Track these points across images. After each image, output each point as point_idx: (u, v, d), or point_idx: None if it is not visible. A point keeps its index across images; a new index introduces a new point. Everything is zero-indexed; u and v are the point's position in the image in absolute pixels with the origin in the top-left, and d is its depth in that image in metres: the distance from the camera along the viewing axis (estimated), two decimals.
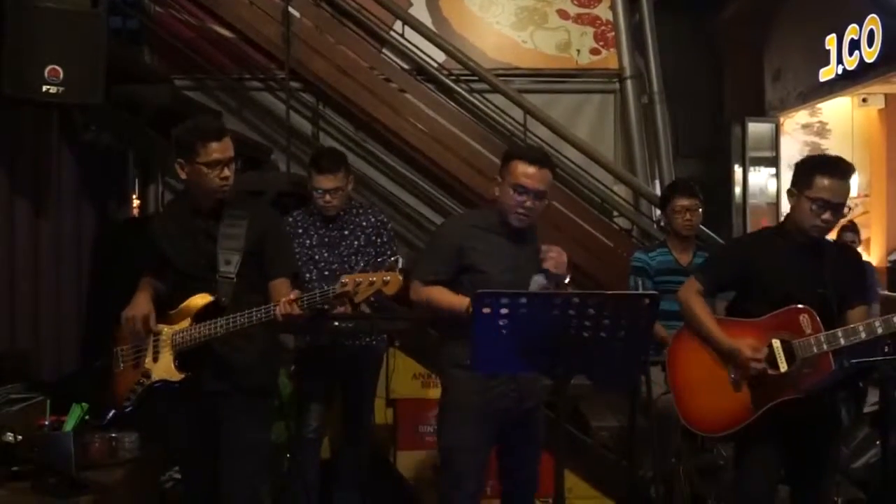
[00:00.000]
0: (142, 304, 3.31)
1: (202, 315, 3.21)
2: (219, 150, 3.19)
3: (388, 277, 3.00)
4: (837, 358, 3.28)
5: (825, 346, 3.28)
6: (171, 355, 3.23)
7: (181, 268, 3.32)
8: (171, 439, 3.54)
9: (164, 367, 3.24)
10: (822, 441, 3.48)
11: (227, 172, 3.22)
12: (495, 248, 3.33)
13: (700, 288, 3.56)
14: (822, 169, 3.35)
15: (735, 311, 3.58)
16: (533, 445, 3.47)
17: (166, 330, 3.27)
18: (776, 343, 3.36)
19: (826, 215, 3.32)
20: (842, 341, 3.27)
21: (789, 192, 3.46)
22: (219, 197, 3.27)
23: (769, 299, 3.41)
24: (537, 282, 3.18)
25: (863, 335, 3.25)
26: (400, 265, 3.05)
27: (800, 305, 3.35)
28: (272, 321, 3.14)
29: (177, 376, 3.22)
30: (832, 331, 3.29)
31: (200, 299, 3.23)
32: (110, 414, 3.38)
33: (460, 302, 3.20)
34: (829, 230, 3.42)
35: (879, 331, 3.24)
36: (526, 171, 3.29)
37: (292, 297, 3.09)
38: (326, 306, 3.21)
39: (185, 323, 3.24)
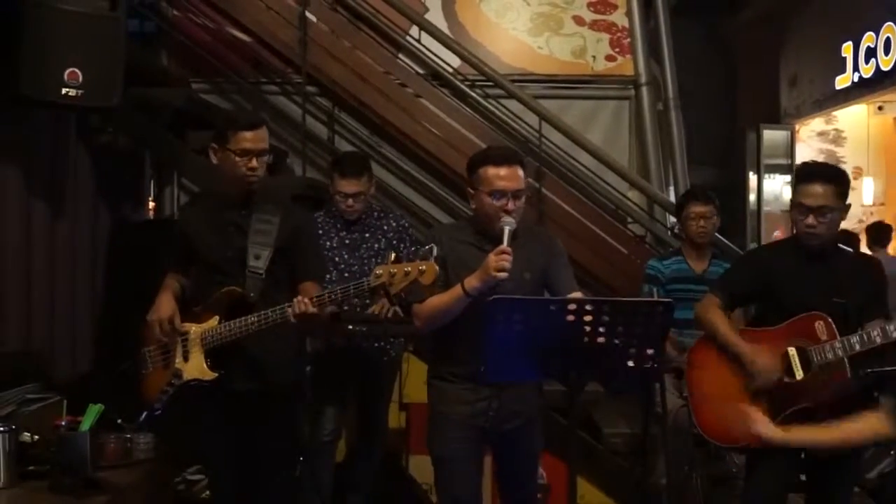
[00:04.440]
0: (165, 306, 3.31)
1: (231, 312, 3.20)
2: (250, 139, 3.24)
3: (424, 266, 2.89)
4: (854, 367, 3.26)
5: (840, 353, 3.26)
6: (201, 355, 3.23)
7: (210, 261, 3.31)
8: (197, 441, 3.52)
9: (195, 367, 3.24)
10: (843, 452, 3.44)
11: (255, 163, 3.25)
12: (476, 262, 3.10)
13: (718, 303, 3.56)
14: (799, 176, 3.48)
15: (755, 323, 3.59)
16: (523, 465, 3.38)
17: (194, 329, 3.27)
18: (791, 350, 3.36)
19: (809, 220, 3.30)
20: (857, 347, 3.25)
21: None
22: (246, 187, 3.29)
23: (785, 309, 3.41)
24: (507, 223, 3.03)
25: (878, 340, 3.22)
26: (434, 254, 2.93)
27: (815, 312, 3.33)
28: (287, 323, 3.11)
29: (210, 375, 3.23)
30: (847, 336, 3.27)
31: (227, 294, 3.22)
32: (143, 416, 3.39)
33: (458, 291, 3.06)
34: (819, 235, 3.35)
35: (895, 335, 3.21)
36: (498, 174, 3.13)
37: (314, 295, 3.08)
38: (359, 301, 3.16)
39: (214, 321, 3.23)
